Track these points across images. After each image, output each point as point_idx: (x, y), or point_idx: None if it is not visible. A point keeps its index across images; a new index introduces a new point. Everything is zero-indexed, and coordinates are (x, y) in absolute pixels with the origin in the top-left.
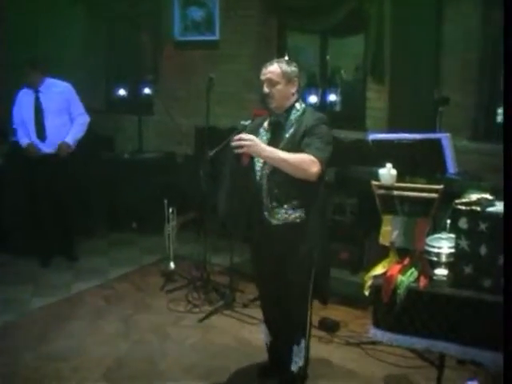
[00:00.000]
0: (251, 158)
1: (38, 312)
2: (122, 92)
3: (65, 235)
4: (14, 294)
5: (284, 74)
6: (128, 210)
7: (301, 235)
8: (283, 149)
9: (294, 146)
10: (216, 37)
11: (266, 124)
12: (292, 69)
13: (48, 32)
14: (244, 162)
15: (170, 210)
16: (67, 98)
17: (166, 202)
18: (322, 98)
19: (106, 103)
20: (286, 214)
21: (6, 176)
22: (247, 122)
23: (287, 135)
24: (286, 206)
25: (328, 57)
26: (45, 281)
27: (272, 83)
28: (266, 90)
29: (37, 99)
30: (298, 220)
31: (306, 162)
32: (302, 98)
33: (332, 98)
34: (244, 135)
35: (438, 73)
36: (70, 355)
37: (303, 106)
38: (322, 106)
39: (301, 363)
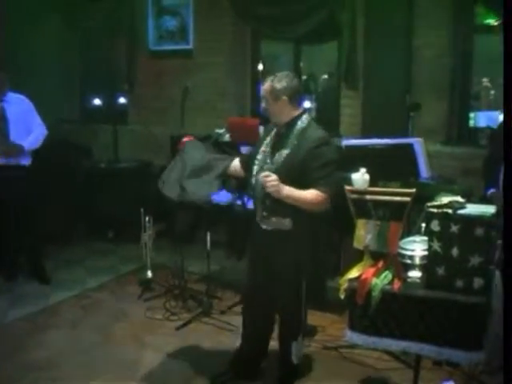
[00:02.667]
0: (249, 172)
1: (15, 323)
2: (97, 102)
3: (32, 257)
4: None
5: (272, 92)
6: (105, 219)
7: (290, 242)
8: (283, 164)
9: (293, 166)
10: (190, 46)
11: (270, 137)
12: (280, 86)
13: (22, 41)
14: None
15: (147, 218)
16: (27, 108)
17: (142, 210)
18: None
19: (82, 113)
20: (277, 222)
21: None
22: (222, 131)
23: (287, 150)
24: (276, 216)
25: (302, 64)
26: (22, 291)
27: (265, 100)
28: (262, 104)
29: (1, 108)
30: (287, 228)
31: (316, 200)
32: None
33: (306, 104)
34: (271, 176)
35: (410, 79)
36: (48, 365)
37: (306, 121)
38: None
39: (300, 355)
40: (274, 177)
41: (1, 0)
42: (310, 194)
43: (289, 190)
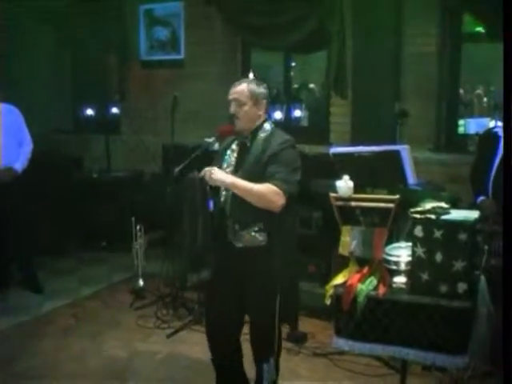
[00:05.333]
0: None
1: (7, 331)
2: (89, 112)
3: (24, 267)
4: None
5: (252, 95)
6: (97, 228)
7: (264, 258)
8: (247, 171)
9: (259, 170)
10: (181, 56)
11: (234, 146)
12: (260, 90)
13: (14, 53)
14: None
15: (138, 227)
16: (18, 120)
17: (133, 219)
18: (287, 113)
19: (74, 123)
20: (250, 237)
21: None
22: (211, 139)
23: (251, 160)
24: (249, 230)
25: (292, 73)
26: (14, 300)
27: (239, 104)
28: (231, 109)
29: None
30: (261, 244)
31: (269, 194)
32: (268, 115)
33: (297, 113)
34: (208, 168)
35: (398, 87)
36: (39, 374)
37: (272, 126)
38: (287, 121)
39: (272, 378)
40: (211, 167)
41: None
42: (263, 187)
43: (235, 179)
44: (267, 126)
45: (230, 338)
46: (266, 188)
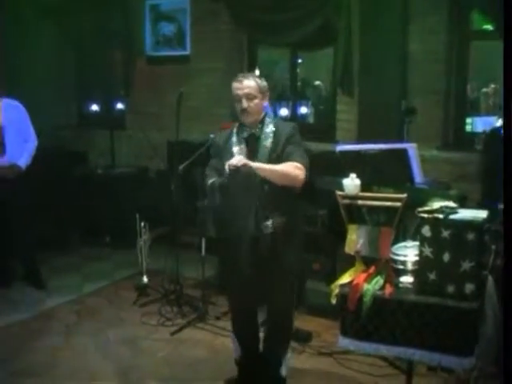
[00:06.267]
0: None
1: (9, 328)
2: (94, 107)
3: (27, 264)
4: None
5: (260, 89)
6: (101, 224)
7: (287, 244)
8: (265, 158)
9: (276, 158)
10: (187, 51)
11: (235, 139)
12: (264, 83)
13: (18, 48)
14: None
15: (142, 224)
16: (22, 115)
17: (137, 216)
18: (293, 110)
19: (79, 118)
20: (274, 224)
21: None
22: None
23: (267, 147)
24: (273, 216)
25: (298, 70)
26: (16, 297)
27: (250, 97)
28: (244, 105)
29: None
30: (284, 229)
31: (293, 170)
32: (274, 111)
33: (303, 110)
34: (234, 160)
35: (405, 84)
36: (41, 371)
37: (271, 117)
38: (293, 118)
39: (288, 366)
40: (237, 158)
41: None
42: (286, 165)
43: (261, 164)
44: (268, 117)
45: (254, 326)
46: (288, 165)
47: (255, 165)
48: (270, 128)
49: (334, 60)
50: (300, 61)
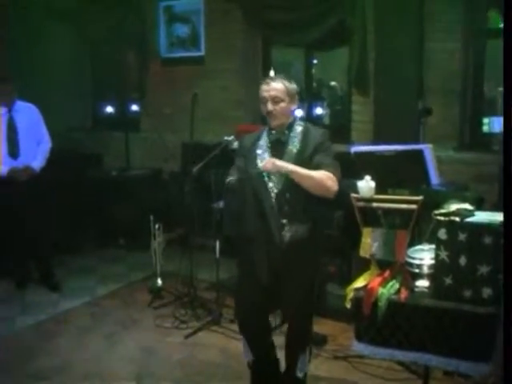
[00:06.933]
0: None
1: (24, 330)
2: (109, 109)
3: (42, 266)
4: None
5: (288, 92)
6: (116, 226)
7: (307, 251)
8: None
9: (303, 164)
10: (201, 53)
11: (262, 142)
12: (293, 86)
13: (33, 51)
14: None
15: (157, 226)
16: (36, 118)
17: (151, 218)
18: (309, 111)
19: (93, 121)
20: (295, 231)
21: None
22: (230, 138)
23: (293, 152)
24: (295, 223)
25: (313, 70)
26: (31, 299)
27: (276, 101)
28: (270, 107)
29: (10, 118)
30: (304, 236)
31: (327, 180)
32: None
33: (318, 111)
34: (272, 159)
35: (421, 84)
36: (54, 373)
37: (302, 122)
38: (309, 119)
39: (305, 369)
40: (268, 159)
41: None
42: (320, 173)
43: (294, 166)
44: (298, 122)
45: (263, 328)
46: (323, 174)
47: (291, 167)
48: (298, 133)
49: (349, 60)
50: (315, 61)
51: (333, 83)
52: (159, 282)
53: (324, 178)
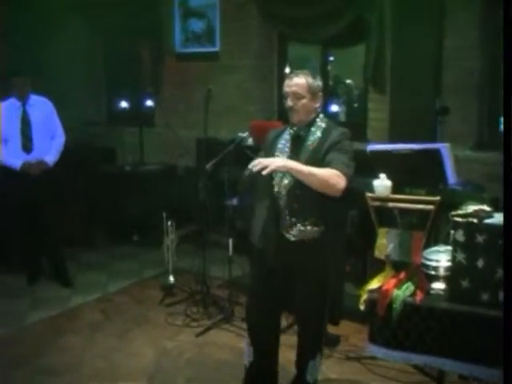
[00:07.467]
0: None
1: (34, 326)
2: (123, 104)
3: (54, 261)
4: (10, 307)
5: (310, 88)
6: (129, 222)
7: (318, 252)
8: (304, 160)
9: (317, 161)
10: (217, 48)
11: (284, 137)
12: (317, 83)
13: (48, 44)
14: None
15: (169, 223)
16: (50, 111)
17: (164, 215)
18: (324, 108)
19: (108, 115)
20: (305, 230)
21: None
22: (245, 134)
23: (309, 149)
24: (305, 222)
25: (330, 67)
26: (42, 294)
27: (297, 97)
28: (290, 103)
29: (24, 112)
30: (316, 236)
31: (333, 177)
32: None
33: (334, 108)
34: (262, 159)
35: (439, 82)
36: (64, 370)
37: (325, 120)
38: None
39: (316, 375)
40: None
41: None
42: (327, 171)
43: (298, 164)
44: (320, 120)
45: (270, 331)
46: (327, 171)
47: (292, 164)
48: (317, 131)
49: (365, 56)
50: (331, 58)
51: (348, 81)
52: (171, 279)
53: (329, 175)
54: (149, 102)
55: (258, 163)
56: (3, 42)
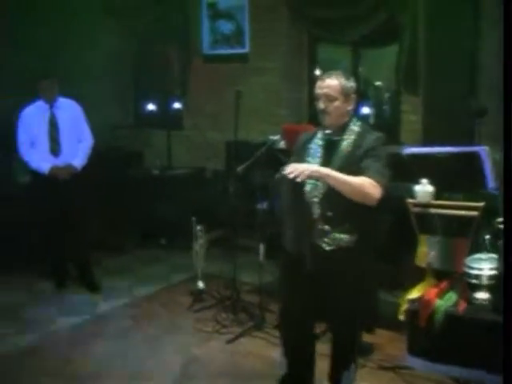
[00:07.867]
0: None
1: (63, 332)
2: (151, 107)
3: (80, 265)
4: (38, 314)
5: (343, 90)
6: (157, 226)
7: (352, 260)
8: (338, 166)
9: (352, 167)
10: (246, 50)
11: (316, 140)
12: (351, 84)
13: (75, 47)
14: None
15: (198, 227)
16: (78, 114)
17: (193, 219)
18: (355, 111)
19: (135, 118)
20: (339, 238)
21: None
22: (276, 137)
23: (343, 154)
24: (338, 230)
25: (360, 69)
26: (71, 299)
27: (329, 99)
28: (321, 105)
29: (52, 114)
30: (350, 244)
31: (367, 186)
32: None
33: (365, 110)
34: (296, 165)
35: (474, 82)
36: (93, 377)
37: (359, 123)
38: None
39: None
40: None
41: None
42: (361, 180)
43: (330, 170)
44: (353, 123)
45: (307, 343)
46: (362, 180)
47: (327, 171)
48: (351, 135)
49: (397, 57)
50: (362, 60)
51: (378, 83)
52: (200, 284)
53: (364, 184)
54: (176, 105)
55: (292, 169)
56: (32, 44)
